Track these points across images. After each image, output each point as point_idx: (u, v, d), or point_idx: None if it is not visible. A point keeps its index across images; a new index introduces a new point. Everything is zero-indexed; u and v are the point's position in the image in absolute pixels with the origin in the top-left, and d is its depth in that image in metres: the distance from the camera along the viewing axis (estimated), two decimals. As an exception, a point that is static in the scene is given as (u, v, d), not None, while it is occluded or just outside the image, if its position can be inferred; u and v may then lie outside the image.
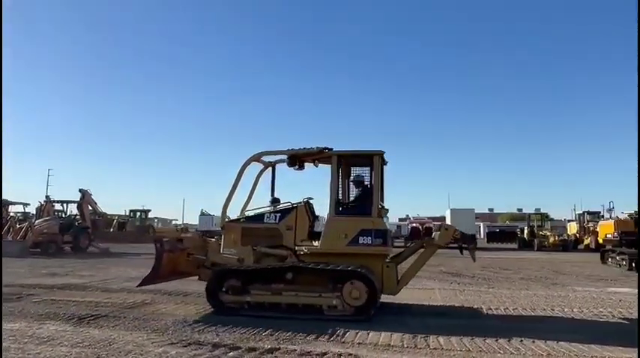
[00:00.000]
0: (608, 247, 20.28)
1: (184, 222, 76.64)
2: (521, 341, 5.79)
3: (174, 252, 7.85)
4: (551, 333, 6.18)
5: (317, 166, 8.26)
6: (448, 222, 30.22)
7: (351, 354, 5.07)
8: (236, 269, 7.35)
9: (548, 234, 33.36)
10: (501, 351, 5.36)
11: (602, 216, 33.90)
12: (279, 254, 7.58)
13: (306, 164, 8.18)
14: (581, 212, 36.60)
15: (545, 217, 40.52)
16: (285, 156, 8.08)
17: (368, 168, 7.82)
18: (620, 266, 17.56)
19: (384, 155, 7.70)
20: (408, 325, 6.55)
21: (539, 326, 6.77)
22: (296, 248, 7.51)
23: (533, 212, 44.01)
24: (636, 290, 11.04)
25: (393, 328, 6.28)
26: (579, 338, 5.92)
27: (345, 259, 7.19)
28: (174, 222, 61.88)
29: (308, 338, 5.84)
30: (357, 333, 5.98)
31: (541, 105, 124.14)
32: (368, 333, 6.00)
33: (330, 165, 7.78)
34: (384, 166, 7.92)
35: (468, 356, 5.13)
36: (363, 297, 6.80)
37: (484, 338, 5.88)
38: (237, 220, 8.07)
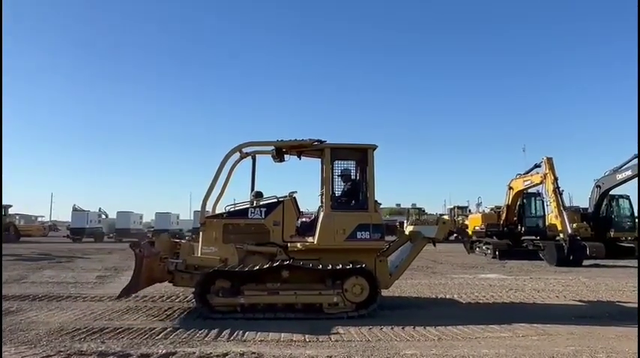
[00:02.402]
0: (475, 238, 22.61)
1: (52, 219, 69.11)
2: (414, 328, 6.11)
3: (151, 257, 6.99)
4: (439, 318, 6.63)
5: (300, 159, 7.98)
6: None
7: (254, 353, 4.90)
8: (228, 270, 6.77)
9: (425, 226, 36.13)
10: (397, 339, 5.60)
11: (470, 211, 37.67)
12: (268, 251, 7.15)
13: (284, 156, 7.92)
14: (452, 206, 40.36)
15: (421, 211, 43.83)
16: (268, 148, 7.72)
17: (352, 162, 7.82)
18: (485, 254, 19.67)
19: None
20: (305, 320, 6.48)
21: (427, 313, 7.25)
22: (289, 244, 7.15)
23: (410, 207, 47.54)
24: (503, 276, 12.43)
25: (292, 324, 6.22)
26: (463, 321, 6.44)
27: (338, 254, 7.01)
28: (40, 219, 55.26)
29: (206, 338, 5.54)
30: (257, 332, 5.79)
31: (415, 106, 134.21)
32: (268, 331, 5.85)
33: (313, 158, 7.82)
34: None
35: (368, 346, 5.26)
36: (365, 293, 6.76)
37: (380, 327, 6.11)
38: (219, 216, 7.43)
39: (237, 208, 7.59)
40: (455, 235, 16.23)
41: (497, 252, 18.29)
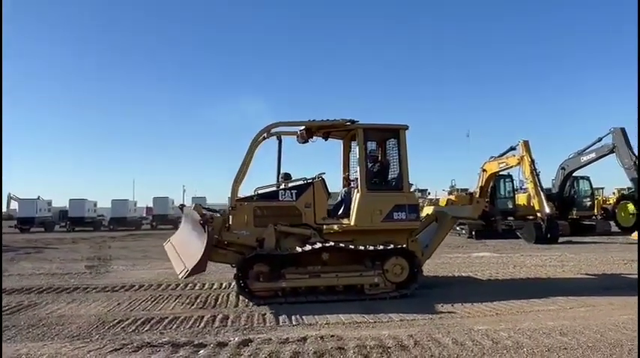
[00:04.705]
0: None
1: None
2: (462, 304, 6.22)
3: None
4: (478, 295, 6.77)
5: (326, 140, 7.90)
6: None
7: (333, 335, 4.77)
8: (269, 254, 6.63)
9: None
10: (458, 316, 5.68)
11: (429, 193, 38.87)
12: (302, 233, 6.97)
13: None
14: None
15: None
16: (294, 128, 7.50)
17: (375, 143, 7.79)
18: (460, 234, 20.35)
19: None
20: (348, 302, 6.40)
21: (461, 290, 7.38)
22: (324, 226, 6.99)
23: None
24: (495, 254, 12.91)
25: (339, 307, 6.13)
26: (502, 296, 6.63)
27: (373, 235, 6.96)
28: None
29: (267, 324, 5.36)
30: (314, 315, 5.67)
31: (353, 91, 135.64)
32: (326, 314, 5.73)
33: (339, 140, 8.09)
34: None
35: (436, 323, 5.29)
36: (405, 273, 6.79)
37: (432, 305, 6.18)
38: (249, 198, 7.11)
39: (267, 190, 7.35)
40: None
41: (473, 232, 18.96)
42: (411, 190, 7.42)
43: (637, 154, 16.75)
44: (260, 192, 7.32)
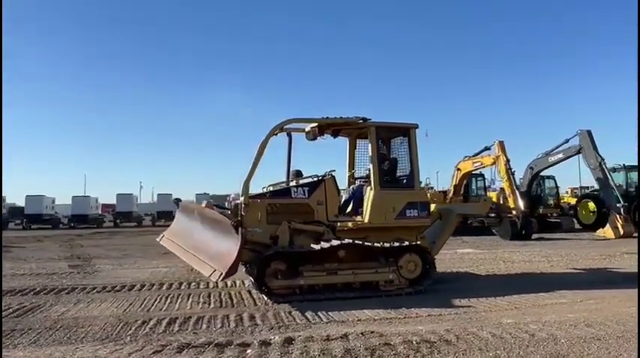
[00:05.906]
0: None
1: None
2: (478, 299, 6.40)
3: None
4: (488, 290, 6.97)
5: (335, 138, 7.92)
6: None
7: (372, 332, 4.79)
8: (287, 252, 6.58)
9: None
10: (482, 310, 5.83)
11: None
12: (315, 230, 6.92)
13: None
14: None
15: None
16: (304, 125, 7.47)
17: (380, 141, 7.80)
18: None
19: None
20: (365, 298, 6.46)
21: (469, 285, 7.62)
22: (338, 223, 7.02)
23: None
24: (478, 251, 13.34)
25: (358, 303, 6.16)
26: (511, 291, 6.84)
27: (384, 232, 7.02)
28: None
29: (299, 321, 5.33)
30: (340, 312, 5.69)
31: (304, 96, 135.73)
32: (351, 310, 5.77)
33: (346, 138, 8.17)
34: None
35: (464, 318, 5.41)
36: (418, 270, 6.92)
37: (449, 300, 6.32)
38: (261, 196, 7.00)
39: (279, 187, 7.31)
40: None
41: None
42: (421, 188, 7.58)
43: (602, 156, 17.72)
44: (272, 189, 7.26)
